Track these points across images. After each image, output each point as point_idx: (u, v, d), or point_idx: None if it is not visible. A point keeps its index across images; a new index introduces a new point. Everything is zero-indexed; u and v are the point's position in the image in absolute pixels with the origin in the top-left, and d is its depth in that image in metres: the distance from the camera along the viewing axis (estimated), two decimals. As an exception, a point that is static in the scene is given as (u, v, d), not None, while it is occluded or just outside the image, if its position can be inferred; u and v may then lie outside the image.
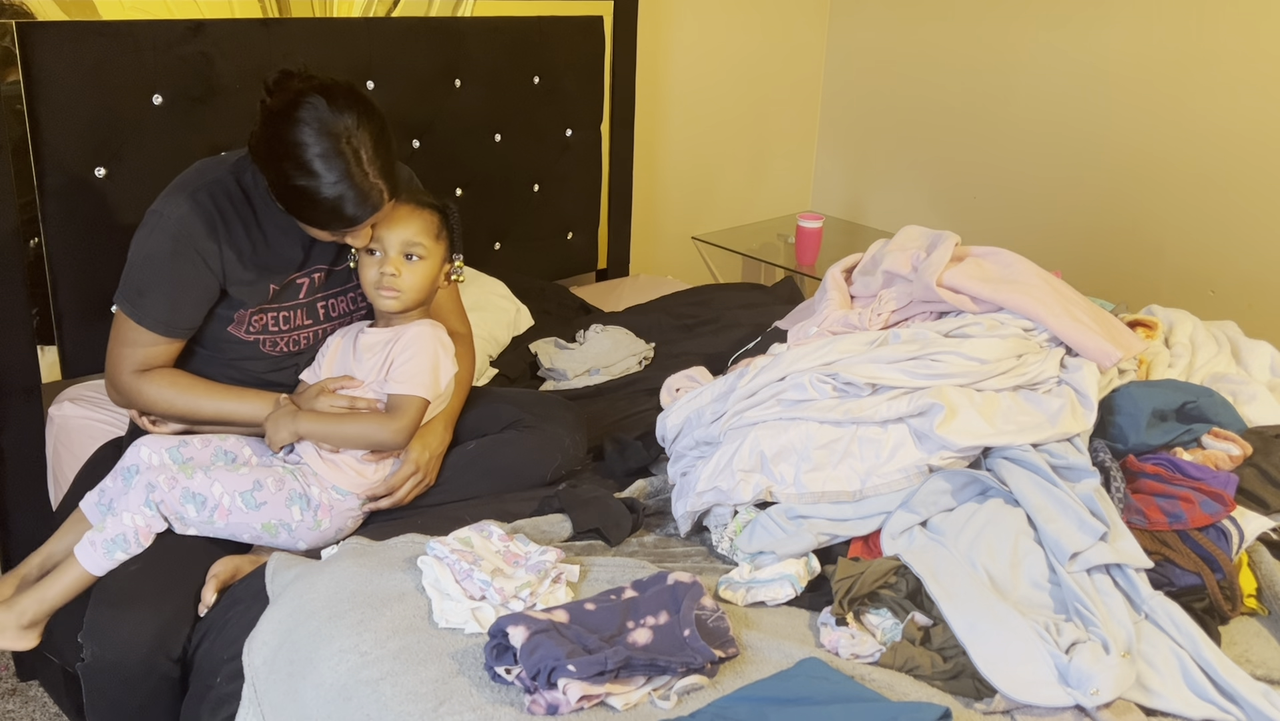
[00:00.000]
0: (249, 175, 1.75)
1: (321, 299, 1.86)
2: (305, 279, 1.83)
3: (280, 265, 1.79)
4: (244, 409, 1.79)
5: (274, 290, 1.79)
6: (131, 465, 1.74)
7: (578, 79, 2.90)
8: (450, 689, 1.33)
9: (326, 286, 1.86)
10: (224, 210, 1.73)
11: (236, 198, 1.75)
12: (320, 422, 1.74)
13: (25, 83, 1.99)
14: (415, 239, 1.75)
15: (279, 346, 1.84)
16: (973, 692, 1.38)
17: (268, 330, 1.82)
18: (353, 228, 1.67)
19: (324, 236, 1.70)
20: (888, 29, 3.55)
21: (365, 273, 1.77)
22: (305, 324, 1.86)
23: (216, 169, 1.76)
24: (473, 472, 1.86)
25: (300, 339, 1.86)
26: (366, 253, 1.76)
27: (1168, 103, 2.97)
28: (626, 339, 2.52)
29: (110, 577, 1.63)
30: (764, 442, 1.69)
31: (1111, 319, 1.94)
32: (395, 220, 1.75)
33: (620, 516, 1.73)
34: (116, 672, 1.58)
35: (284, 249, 1.79)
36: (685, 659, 1.33)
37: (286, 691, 1.42)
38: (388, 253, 1.75)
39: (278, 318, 1.82)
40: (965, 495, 1.64)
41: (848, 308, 2.08)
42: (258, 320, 1.81)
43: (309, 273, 1.83)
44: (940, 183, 3.54)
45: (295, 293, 1.83)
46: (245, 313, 1.79)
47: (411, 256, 1.76)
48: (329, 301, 1.87)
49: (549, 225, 2.99)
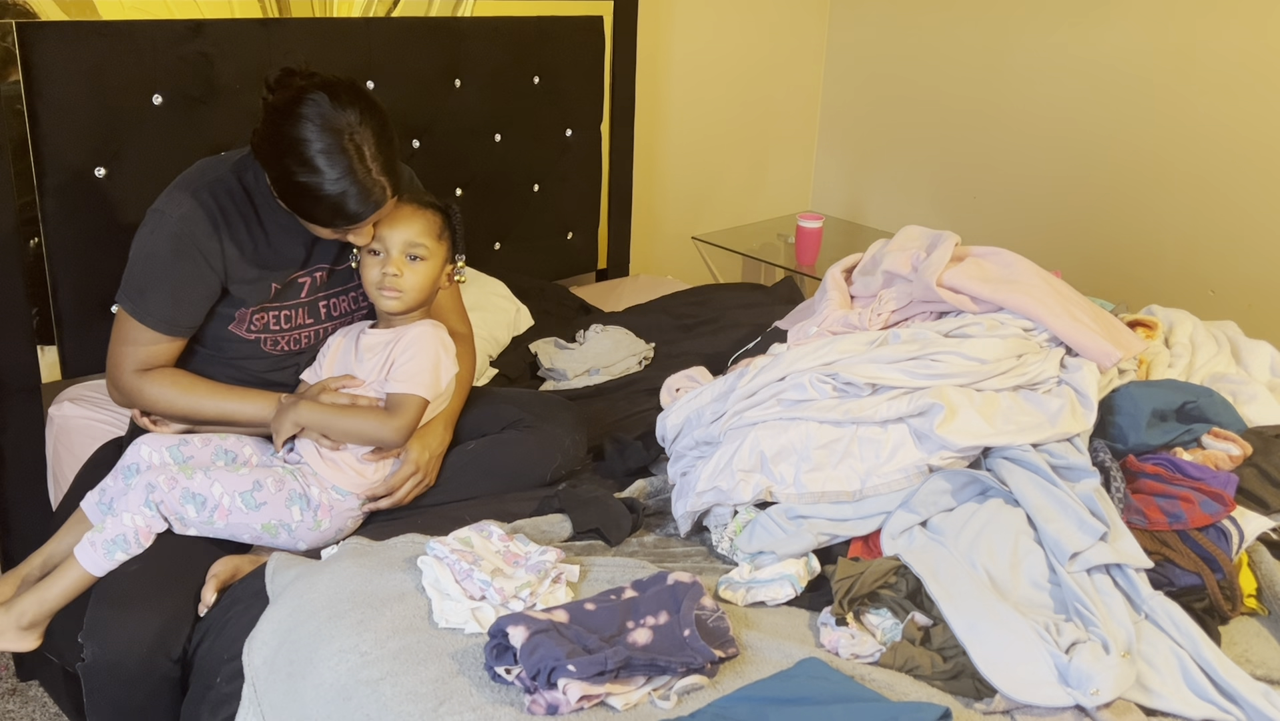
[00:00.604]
0: (250, 174, 1.75)
1: (323, 298, 1.86)
2: (307, 278, 1.83)
3: (282, 264, 1.79)
4: (246, 409, 1.79)
5: (275, 289, 1.79)
6: (132, 464, 1.74)
7: (578, 79, 2.90)
8: (450, 689, 1.33)
9: (328, 286, 1.86)
10: (225, 208, 1.73)
11: (238, 196, 1.75)
12: (320, 412, 1.74)
13: (25, 82, 1.99)
14: (417, 239, 1.75)
15: (280, 345, 1.84)
16: (973, 692, 1.38)
17: (269, 329, 1.82)
18: (355, 225, 1.66)
19: (326, 234, 1.70)
20: (888, 29, 3.55)
21: (367, 273, 1.77)
22: (307, 323, 1.86)
23: (218, 168, 1.76)
24: (473, 472, 1.86)
25: (301, 338, 1.86)
26: (369, 253, 1.76)
27: (1168, 103, 2.97)
28: (626, 339, 2.52)
29: (110, 578, 1.63)
30: (764, 442, 1.69)
31: (1111, 319, 1.94)
32: (398, 220, 1.75)
33: (620, 516, 1.73)
34: (117, 672, 1.58)
35: (286, 247, 1.79)
36: (685, 659, 1.33)
37: (286, 691, 1.42)
38: (390, 253, 1.75)
39: (279, 316, 1.82)
40: (965, 495, 1.64)
41: (848, 308, 2.08)
42: (259, 319, 1.81)
43: (311, 272, 1.83)
44: (940, 182, 3.54)
45: (297, 291, 1.83)
46: (246, 311, 1.79)
47: (414, 257, 1.76)
48: (330, 300, 1.87)
49: (549, 225, 2.99)
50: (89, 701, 1.62)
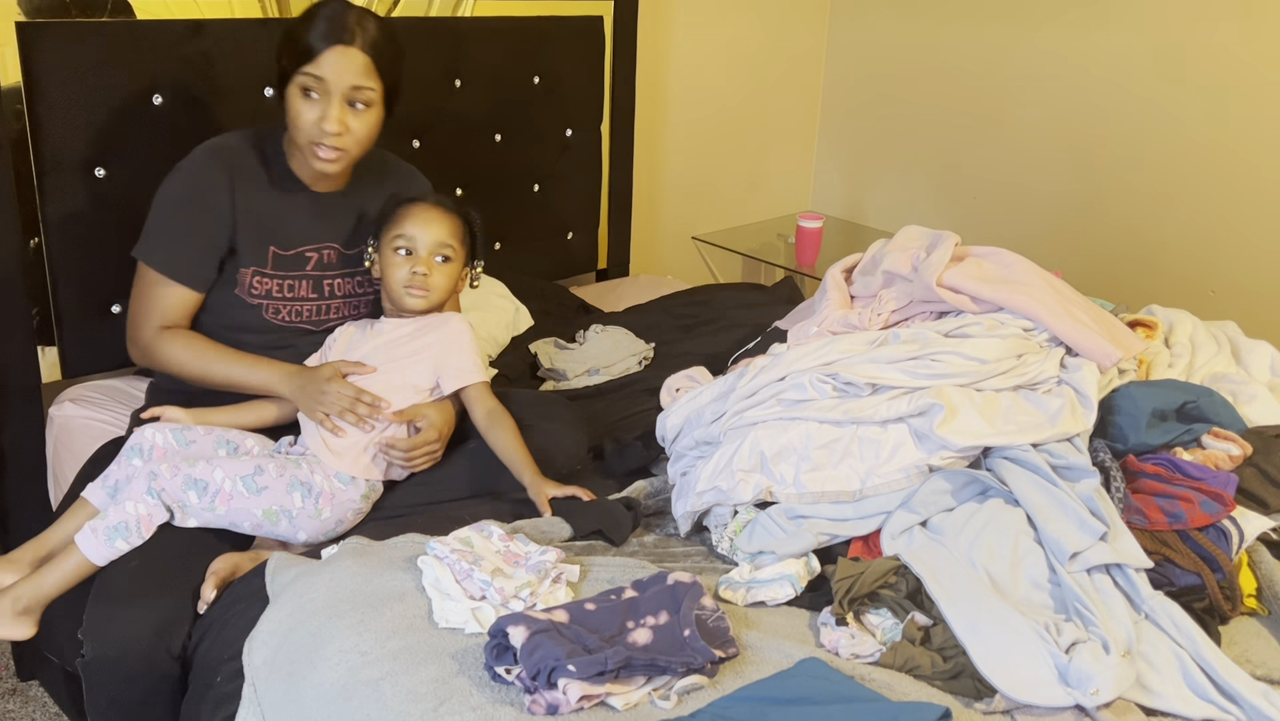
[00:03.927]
0: (270, 145, 1.87)
1: (329, 276, 1.92)
2: (315, 253, 1.89)
3: (286, 232, 1.86)
4: (255, 376, 1.83)
5: (275, 253, 1.85)
6: (135, 445, 1.75)
7: (578, 79, 2.90)
8: (450, 689, 1.33)
9: (336, 265, 1.92)
10: (240, 166, 1.84)
11: (253, 159, 1.86)
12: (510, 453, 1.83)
13: (26, 82, 1.99)
14: (447, 240, 1.85)
15: (282, 315, 1.89)
16: (973, 692, 1.38)
17: (271, 296, 1.87)
18: (327, 46, 1.73)
19: (305, 111, 1.75)
20: (888, 29, 3.55)
21: (395, 272, 1.84)
22: (310, 296, 1.91)
23: (239, 134, 1.89)
24: (472, 471, 1.86)
25: (304, 310, 1.90)
26: (397, 253, 1.83)
27: (1168, 103, 2.97)
28: (626, 339, 2.52)
29: (110, 574, 1.63)
30: (764, 442, 1.69)
31: (1111, 319, 1.94)
32: (429, 221, 1.83)
33: (620, 516, 1.73)
34: (116, 669, 1.58)
35: (292, 219, 1.87)
36: (686, 659, 1.33)
37: (286, 691, 1.42)
38: (419, 253, 1.83)
39: (282, 285, 1.88)
40: (965, 495, 1.64)
41: (848, 307, 2.08)
42: (261, 284, 1.86)
43: (320, 248, 1.89)
44: (940, 182, 3.54)
45: (303, 264, 1.88)
46: (246, 272, 1.84)
47: (443, 258, 1.85)
48: (336, 280, 1.93)
49: (549, 225, 2.99)
50: (89, 697, 1.62)
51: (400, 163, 2.04)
